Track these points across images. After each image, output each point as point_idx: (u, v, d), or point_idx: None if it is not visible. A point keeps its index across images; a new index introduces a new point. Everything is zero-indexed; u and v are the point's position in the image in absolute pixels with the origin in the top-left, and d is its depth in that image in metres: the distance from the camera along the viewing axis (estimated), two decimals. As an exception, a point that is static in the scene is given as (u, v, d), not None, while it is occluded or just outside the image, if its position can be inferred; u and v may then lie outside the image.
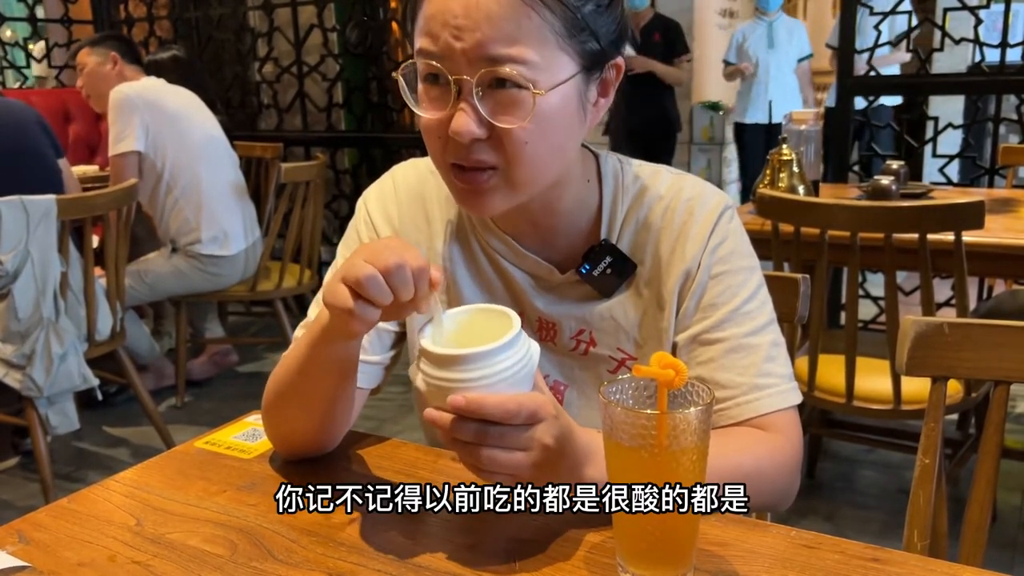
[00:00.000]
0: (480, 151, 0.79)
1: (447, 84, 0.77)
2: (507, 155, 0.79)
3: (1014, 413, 2.84)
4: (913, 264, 1.80)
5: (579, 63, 0.79)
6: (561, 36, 0.76)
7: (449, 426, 0.67)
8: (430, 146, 0.83)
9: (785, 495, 0.87)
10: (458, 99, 0.77)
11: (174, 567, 0.71)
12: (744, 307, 0.88)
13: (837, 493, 2.41)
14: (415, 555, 0.71)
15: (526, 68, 0.75)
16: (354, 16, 4.09)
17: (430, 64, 0.77)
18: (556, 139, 0.81)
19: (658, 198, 0.91)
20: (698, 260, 0.88)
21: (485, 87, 0.76)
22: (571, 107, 0.80)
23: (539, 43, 0.75)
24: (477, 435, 0.67)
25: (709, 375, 0.87)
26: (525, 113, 0.76)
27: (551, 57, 0.76)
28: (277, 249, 3.30)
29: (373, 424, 2.92)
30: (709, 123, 5.82)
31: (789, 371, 0.89)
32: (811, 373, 1.92)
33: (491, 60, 0.75)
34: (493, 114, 0.77)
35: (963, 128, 3.23)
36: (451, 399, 0.66)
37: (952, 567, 0.67)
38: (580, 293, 0.92)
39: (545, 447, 0.69)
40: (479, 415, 0.66)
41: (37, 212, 2.20)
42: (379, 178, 1.01)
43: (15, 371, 2.24)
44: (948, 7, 3.11)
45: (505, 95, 0.76)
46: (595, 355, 0.93)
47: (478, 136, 0.77)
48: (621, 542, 0.67)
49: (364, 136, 4.29)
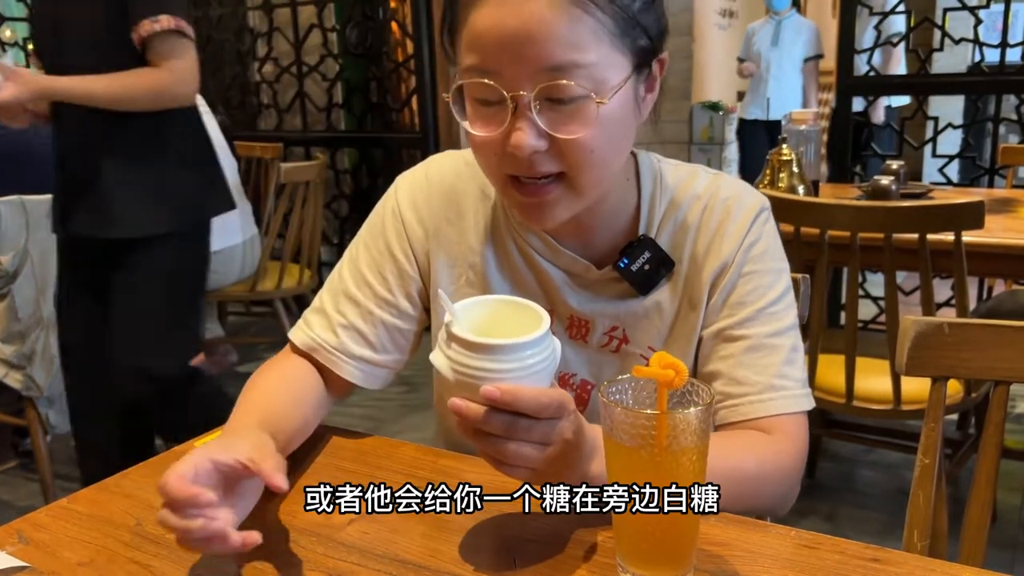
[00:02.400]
0: (542, 162, 0.78)
1: (503, 101, 0.75)
2: (572, 163, 0.78)
3: (1014, 413, 2.84)
4: (913, 264, 1.80)
5: (632, 61, 0.78)
6: (615, 35, 0.76)
7: (478, 417, 0.65)
8: (483, 161, 0.82)
9: (785, 500, 0.87)
10: (515, 114, 0.76)
11: (174, 567, 0.71)
12: (770, 308, 0.88)
13: (837, 493, 2.41)
14: (415, 555, 0.71)
15: (585, 72, 0.74)
16: (354, 16, 4.09)
17: (484, 83, 0.76)
18: (618, 141, 0.81)
19: (695, 198, 0.91)
20: (733, 257, 0.89)
21: (543, 100, 0.75)
22: (628, 107, 0.80)
23: (595, 45, 0.74)
24: (507, 427, 0.65)
25: (728, 371, 0.87)
26: (589, 122, 0.76)
27: (608, 58, 0.76)
28: (277, 249, 3.30)
29: (373, 424, 2.92)
30: (709, 123, 5.81)
31: (805, 377, 0.89)
32: (811, 373, 1.92)
33: (550, 70, 0.74)
34: (554, 125, 0.76)
35: (963, 128, 3.23)
36: (485, 390, 0.64)
37: (952, 567, 0.67)
38: (616, 291, 0.91)
39: (566, 442, 0.68)
40: (513, 407, 0.64)
41: (37, 212, 2.20)
42: (414, 167, 0.99)
43: (15, 371, 2.24)
44: (948, 7, 3.12)
45: (565, 106, 0.75)
46: (626, 352, 0.93)
47: (539, 149, 0.76)
48: (621, 542, 0.67)
49: (364, 136, 4.29)
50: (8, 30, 5.23)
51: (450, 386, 0.68)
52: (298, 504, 0.80)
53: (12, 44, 4.54)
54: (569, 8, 0.73)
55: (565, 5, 0.73)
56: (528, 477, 0.70)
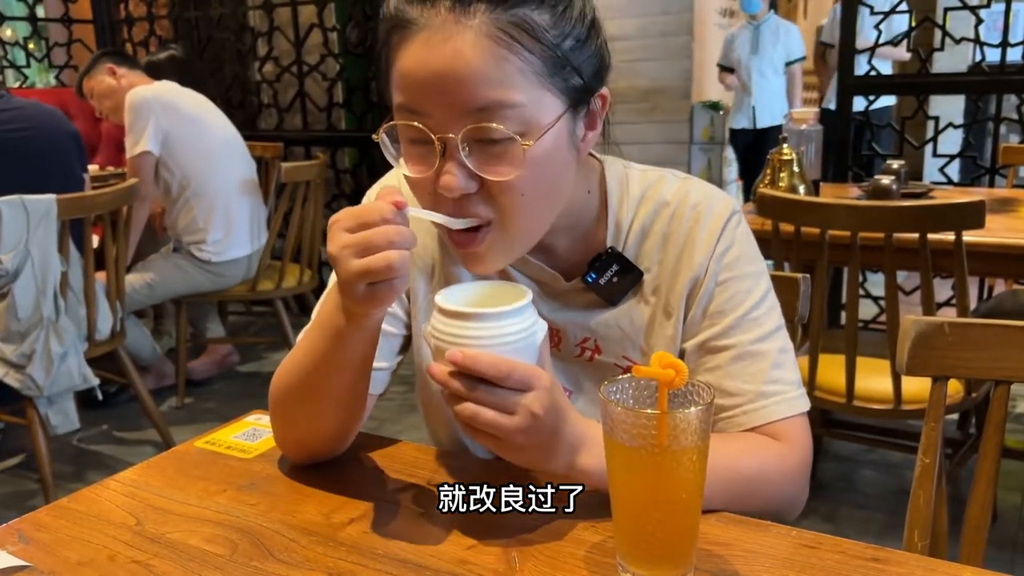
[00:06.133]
0: (473, 204, 0.77)
1: (431, 143, 0.75)
2: (501, 207, 0.77)
3: (1014, 413, 2.84)
4: (913, 264, 1.80)
5: (565, 100, 0.77)
6: (543, 76, 0.74)
7: (443, 378, 0.69)
8: (421, 201, 0.81)
9: (792, 503, 0.86)
10: (444, 156, 0.75)
11: (174, 567, 0.71)
12: (751, 313, 0.87)
13: (837, 493, 2.41)
14: (415, 555, 0.71)
15: (514, 113, 0.73)
16: (354, 16, 4.09)
17: (412, 125, 0.75)
18: (550, 182, 0.79)
19: (664, 204, 0.90)
20: (705, 266, 0.88)
21: (472, 141, 0.74)
22: (562, 147, 0.78)
23: (523, 85, 0.73)
24: (468, 389, 0.69)
25: (717, 382, 0.86)
26: (518, 163, 0.74)
27: (537, 98, 0.74)
28: (277, 249, 3.30)
29: (373, 424, 2.92)
30: (709, 123, 5.80)
31: (797, 377, 0.88)
32: (811, 373, 1.92)
33: (477, 111, 0.72)
34: (482, 167, 0.75)
35: (963, 128, 3.23)
36: (449, 353, 0.68)
37: (952, 567, 0.67)
38: (585, 301, 0.91)
39: (533, 415, 0.69)
40: (472, 370, 0.68)
41: (37, 212, 2.20)
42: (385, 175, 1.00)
43: (15, 371, 2.24)
44: (948, 7, 3.11)
45: (494, 148, 0.74)
46: (600, 363, 0.92)
47: (468, 191, 0.76)
48: (621, 542, 0.67)
49: (364, 136, 4.28)
50: (8, 30, 5.23)
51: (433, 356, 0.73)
52: (298, 504, 0.81)
53: (12, 44, 4.54)
54: (494, 48, 0.72)
55: (490, 45, 0.72)
56: (497, 448, 0.72)
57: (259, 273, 3.16)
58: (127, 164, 2.97)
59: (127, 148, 2.94)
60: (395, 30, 0.76)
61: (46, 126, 2.49)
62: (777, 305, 0.90)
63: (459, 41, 0.72)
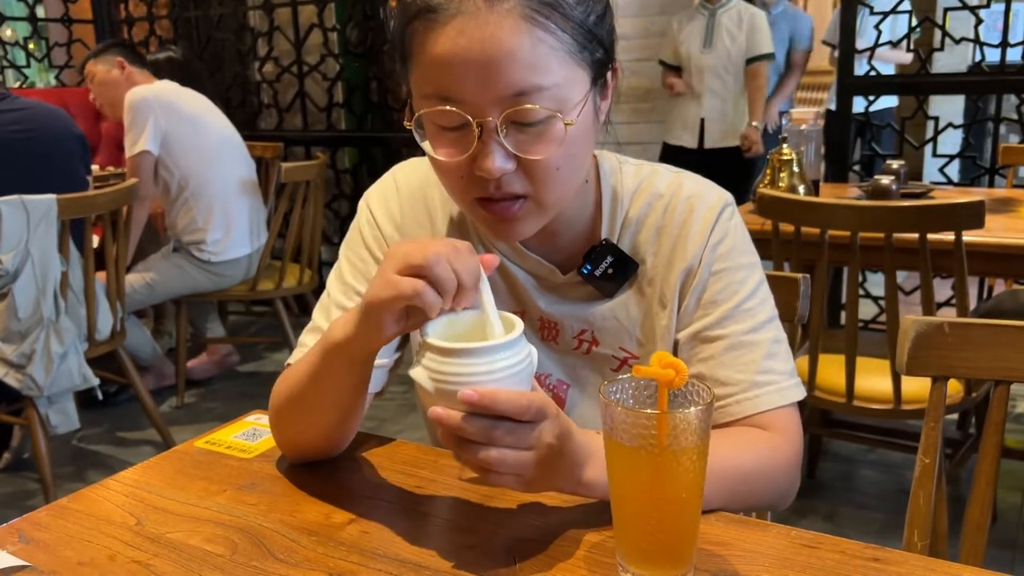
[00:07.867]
0: (510, 183, 0.77)
1: (467, 126, 0.75)
2: (537, 181, 0.78)
3: (1014, 413, 2.84)
4: (913, 264, 1.80)
5: (590, 74, 0.78)
6: (573, 52, 0.75)
7: (457, 424, 0.65)
8: (449, 183, 0.82)
9: (785, 493, 0.87)
10: (481, 138, 0.75)
11: (174, 567, 0.71)
12: (744, 304, 0.87)
13: (837, 493, 2.41)
14: (415, 555, 0.71)
15: (549, 94, 0.74)
16: (354, 16, 4.09)
17: (447, 111, 0.75)
18: (582, 155, 0.81)
19: (658, 196, 0.91)
20: (699, 257, 0.88)
21: (509, 123, 0.75)
22: (589, 119, 0.80)
23: (557, 65, 0.74)
24: (487, 432, 0.65)
25: (709, 372, 0.86)
26: (556, 141, 0.76)
27: (569, 76, 0.75)
28: (277, 249, 3.30)
29: (373, 424, 2.92)
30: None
31: (791, 367, 0.88)
32: (811, 373, 1.92)
33: (515, 94, 0.73)
34: (521, 147, 0.76)
35: (963, 128, 3.23)
36: (463, 393, 0.63)
37: (952, 567, 0.67)
38: (582, 293, 0.92)
39: (549, 446, 0.68)
40: (491, 409, 0.64)
41: (37, 212, 2.20)
42: (380, 177, 1.00)
43: (15, 371, 2.24)
44: (948, 7, 3.11)
45: (533, 128, 0.75)
46: (598, 354, 0.93)
47: (508, 171, 0.76)
48: (621, 542, 0.67)
49: (364, 136, 4.29)
50: (8, 30, 5.23)
51: (431, 398, 0.67)
52: (298, 504, 0.81)
53: (12, 44, 4.54)
54: (530, 29, 0.72)
55: (526, 27, 0.72)
56: (516, 486, 0.69)
57: (259, 273, 3.16)
58: (126, 164, 2.97)
59: (126, 148, 2.94)
60: (419, 18, 0.75)
61: (51, 127, 2.49)
62: (770, 296, 0.91)
63: (495, 27, 0.72)
